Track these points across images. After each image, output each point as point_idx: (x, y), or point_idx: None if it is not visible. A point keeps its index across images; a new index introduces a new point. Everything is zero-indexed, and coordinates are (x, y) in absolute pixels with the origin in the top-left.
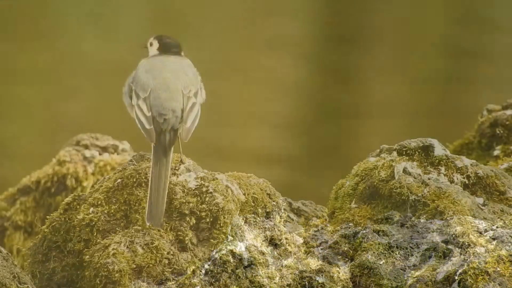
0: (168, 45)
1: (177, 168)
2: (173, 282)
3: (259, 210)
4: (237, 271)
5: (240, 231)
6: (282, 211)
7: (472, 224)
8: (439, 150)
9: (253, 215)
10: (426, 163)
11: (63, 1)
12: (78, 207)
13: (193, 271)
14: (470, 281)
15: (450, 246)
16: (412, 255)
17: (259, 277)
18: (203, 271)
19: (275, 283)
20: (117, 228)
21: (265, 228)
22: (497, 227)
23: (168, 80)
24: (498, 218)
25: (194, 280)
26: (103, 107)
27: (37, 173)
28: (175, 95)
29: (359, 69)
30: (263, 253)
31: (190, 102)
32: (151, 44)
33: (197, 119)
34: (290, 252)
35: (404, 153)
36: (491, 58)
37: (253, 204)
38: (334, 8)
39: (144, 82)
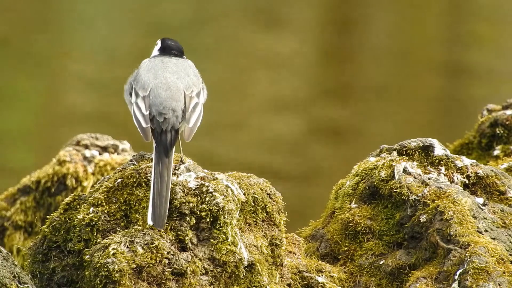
0: (169, 47)
1: (177, 168)
2: (173, 282)
3: (259, 210)
4: (237, 271)
5: (240, 231)
6: (282, 210)
7: (472, 224)
8: (439, 150)
9: (253, 215)
10: (426, 163)
11: None
12: (78, 207)
13: (193, 271)
14: (470, 281)
15: (450, 246)
16: (412, 255)
17: (259, 277)
18: (203, 271)
19: (275, 283)
20: (117, 228)
21: (265, 228)
22: (497, 227)
23: (169, 80)
24: (498, 218)
25: (194, 280)
26: (104, 106)
27: (37, 173)
28: (176, 94)
29: (356, 52)
30: (263, 253)
31: (192, 102)
32: (156, 44)
33: (200, 119)
34: (290, 252)
35: (404, 153)
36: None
37: (253, 204)
38: None
39: (144, 81)
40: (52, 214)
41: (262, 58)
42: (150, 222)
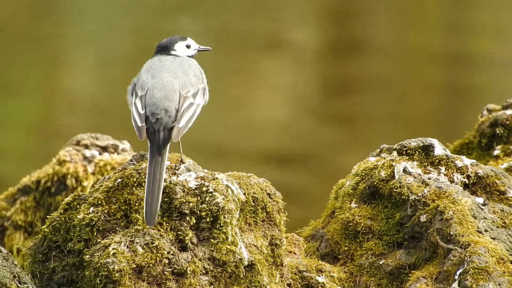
0: (158, 46)
1: (177, 168)
2: (173, 282)
3: (259, 209)
4: (237, 271)
5: (240, 231)
6: (283, 210)
7: (472, 224)
8: (439, 149)
9: (253, 215)
10: (426, 163)
11: None
12: (78, 206)
13: (193, 271)
14: (470, 281)
15: (450, 246)
16: (412, 255)
17: (259, 277)
18: (203, 271)
19: (275, 283)
20: (117, 228)
21: (265, 227)
22: (497, 227)
23: (165, 80)
24: (498, 218)
25: (194, 280)
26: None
27: (37, 172)
28: (170, 94)
29: (357, 45)
30: (263, 253)
31: (186, 102)
32: None
33: (193, 120)
34: (290, 252)
35: (404, 152)
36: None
37: (253, 203)
38: None
39: (143, 81)
40: (52, 214)
41: (264, 47)
42: (144, 220)
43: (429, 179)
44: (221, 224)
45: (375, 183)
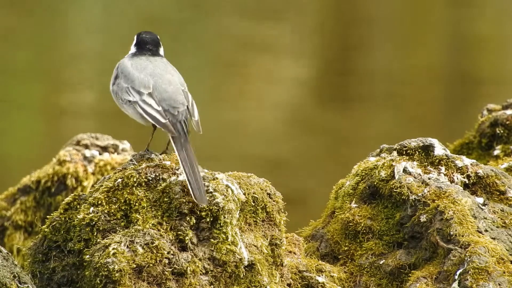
0: (144, 41)
1: (177, 168)
2: (173, 282)
3: (259, 209)
4: (237, 271)
5: (240, 231)
6: (282, 210)
7: (472, 224)
8: (439, 149)
9: (253, 215)
10: (426, 163)
11: None
12: (78, 206)
13: (193, 271)
14: (470, 281)
15: (450, 246)
16: (412, 255)
17: (259, 276)
18: (203, 271)
19: (275, 283)
20: (117, 228)
21: (265, 227)
22: (497, 227)
23: (166, 76)
24: (498, 218)
25: (194, 280)
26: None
27: (37, 172)
28: (178, 89)
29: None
30: (263, 253)
31: (189, 96)
32: (133, 40)
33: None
34: (290, 252)
35: (404, 152)
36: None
37: (253, 203)
38: None
39: (142, 79)
40: (52, 214)
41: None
42: (195, 201)
43: (429, 179)
44: (221, 224)
45: (375, 183)
